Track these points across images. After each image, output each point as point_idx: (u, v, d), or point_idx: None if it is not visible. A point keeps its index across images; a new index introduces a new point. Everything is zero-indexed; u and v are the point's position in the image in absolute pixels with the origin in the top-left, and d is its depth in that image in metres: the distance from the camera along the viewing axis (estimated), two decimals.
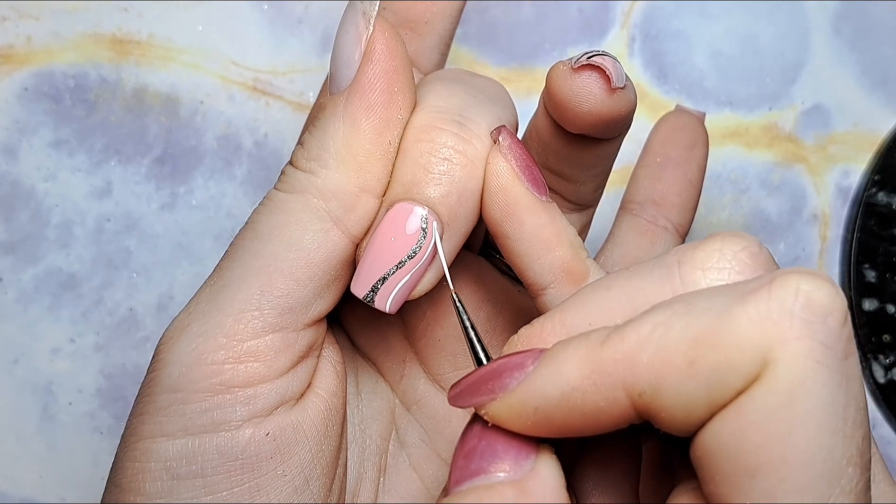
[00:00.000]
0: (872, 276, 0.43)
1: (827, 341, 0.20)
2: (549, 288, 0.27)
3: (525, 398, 0.22)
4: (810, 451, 0.19)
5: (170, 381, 0.25)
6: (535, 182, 0.27)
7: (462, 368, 0.31)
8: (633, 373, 0.21)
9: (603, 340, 0.21)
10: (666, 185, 0.36)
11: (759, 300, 0.20)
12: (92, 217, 0.40)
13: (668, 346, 0.21)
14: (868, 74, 0.44)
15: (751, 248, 0.23)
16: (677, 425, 0.21)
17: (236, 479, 0.25)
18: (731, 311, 0.20)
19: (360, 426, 0.30)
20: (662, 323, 0.21)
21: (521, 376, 0.22)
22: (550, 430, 0.22)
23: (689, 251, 0.23)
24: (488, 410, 0.23)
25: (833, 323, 0.20)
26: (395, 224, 0.26)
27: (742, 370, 0.20)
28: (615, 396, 0.21)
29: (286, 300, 0.26)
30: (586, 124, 0.27)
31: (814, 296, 0.20)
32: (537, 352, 0.23)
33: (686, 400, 0.20)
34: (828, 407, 0.20)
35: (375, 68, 0.26)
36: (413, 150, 0.27)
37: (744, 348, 0.20)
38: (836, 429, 0.20)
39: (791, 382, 0.20)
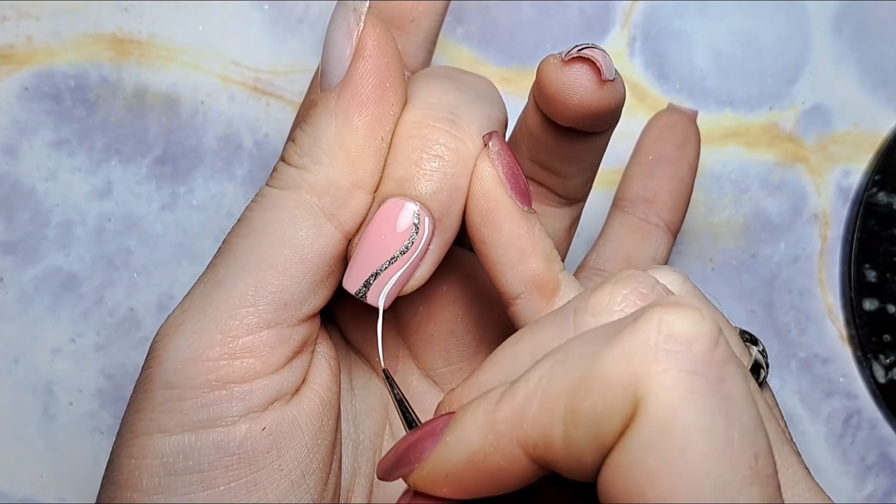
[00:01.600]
0: (873, 275, 0.43)
1: (695, 368, 0.20)
2: (520, 298, 0.27)
3: (435, 466, 0.23)
4: (695, 480, 0.19)
5: (166, 377, 0.26)
6: (519, 191, 0.27)
7: (454, 363, 0.31)
8: (524, 428, 0.21)
9: (497, 399, 0.22)
10: (657, 183, 0.36)
11: (625, 338, 0.20)
12: (92, 217, 0.40)
13: (550, 396, 0.21)
14: (869, 74, 0.44)
15: (641, 287, 0.23)
16: (575, 473, 0.21)
17: (233, 475, 0.25)
18: (601, 354, 0.20)
19: (354, 422, 0.31)
20: (546, 374, 0.21)
21: (432, 444, 0.23)
22: (466, 492, 0.23)
23: (583, 298, 0.24)
24: (410, 480, 0.23)
25: (699, 349, 0.20)
26: (387, 220, 0.26)
27: (617, 411, 0.20)
28: (513, 454, 0.21)
29: (280, 296, 0.26)
30: (576, 117, 0.27)
31: (676, 325, 0.20)
32: (447, 417, 0.23)
33: (575, 447, 0.21)
34: (706, 434, 0.19)
35: (367, 64, 0.26)
36: (405, 146, 0.27)
37: (615, 389, 0.20)
38: (719, 454, 0.19)
39: (663, 415, 0.19)
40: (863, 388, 0.44)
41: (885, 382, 0.43)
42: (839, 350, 0.44)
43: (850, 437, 0.44)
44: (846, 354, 0.44)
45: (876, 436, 0.44)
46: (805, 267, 0.44)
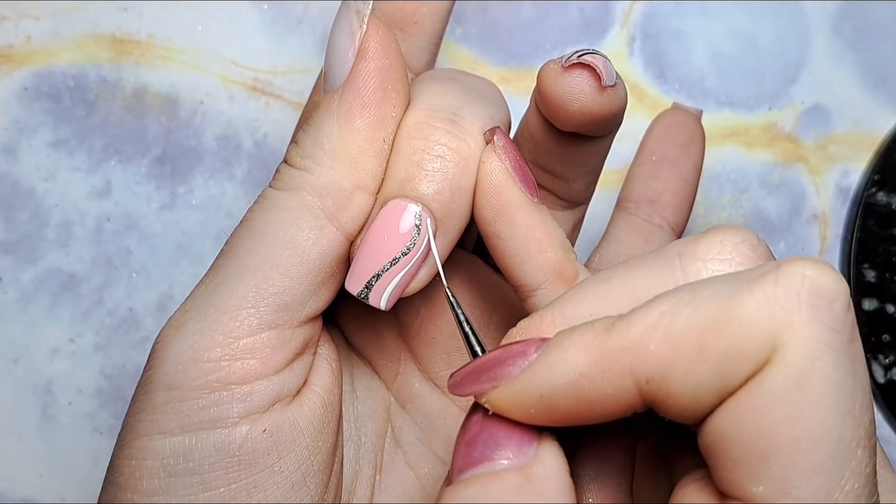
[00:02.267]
0: (872, 275, 0.43)
1: (834, 325, 0.20)
2: (540, 289, 0.27)
3: (529, 385, 0.22)
4: (821, 433, 0.20)
5: (167, 378, 0.26)
6: (527, 183, 0.27)
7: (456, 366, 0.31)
8: (641, 360, 0.21)
9: (609, 328, 0.22)
10: (661, 184, 0.36)
11: (766, 286, 0.20)
12: (92, 217, 0.40)
13: (675, 332, 0.21)
14: (868, 74, 0.44)
15: (751, 240, 0.23)
16: (684, 412, 0.21)
17: (233, 476, 0.25)
18: (739, 297, 0.20)
19: (356, 424, 0.31)
20: (669, 310, 0.21)
21: (524, 364, 0.22)
22: (554, 417, 0.22)
23: (689, 243, 0.23)
24: (490, 398, 0.23)
25: (839, 307, 0.20)
26: (389, 221, 0.26)
27: (751, 355, 0.20)
28: (623, 383, 0.21)
29: (282, 297, 0.26)
30: (577, 122, 0.27)
31: (819, 281, 0.20)
32: (539, 340, 0.23)
33: (695, 386, 0.21)
34: (837, 389, 0.20)
35: (369, 66, 0.26)
36: (407, 147, 0.27)
37: (752, 333, 0.20)
38: (846, 411, 0.20)
39: (801, 365, 0.20)
40: None
41: (884, 382, 0.43)
42: None
43: None
44: None
45: None
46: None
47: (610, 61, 0.27)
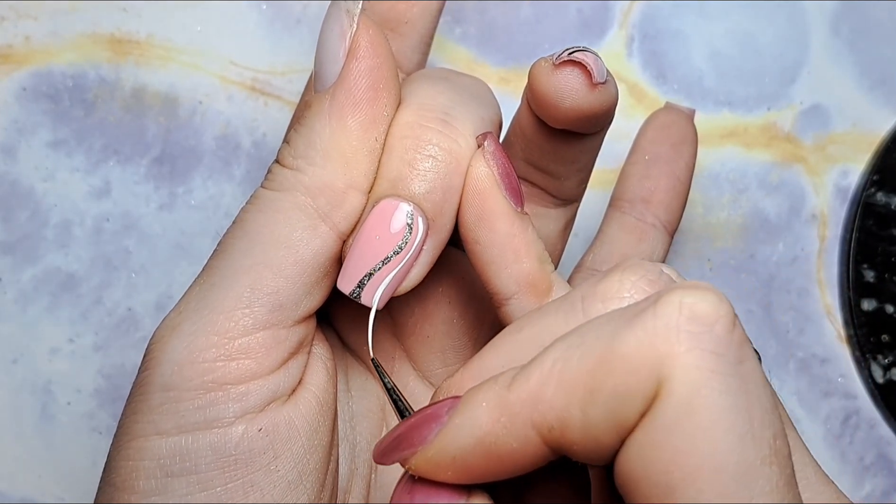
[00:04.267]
0: (871, 276, 0.43)
1: (717, 349, 0.20)
2: (513, 299, 0.28)
3: (442, 449, 0.22)
4: (720, 458, 0.20)
5: (162, 379, 0.26)
6: (513, 192, 0.27)
7: (451, 364, 0.31)
8: (540, 410, 0.21)
9: (509, 382, 0.22)
10: (654, 183, 0.36)
11: (646, 320, 0.20)
12: (91, 217, 0.40)
13: (568, 378, 0.21)
14: (867, 75, 0.44)
15: (649, 275, 0.23)
16: (591, 456, 0.21)
17: (230, 476, 0.25)
18: (621, 335, 0.21)
19: (351, 423, 0.31)
20: (561, 357, 0.21)
21: (437, 427, 0.23)
22: (471, 476, 0.23)
23: (592, 285, 0.24)
24: (411, 464, 0.23)
25: (720, 330, 0.20)
26: (381, 220, 0.26)
27: (639, 392, 0.20)
28: (527, 436, 0.21)
29: (276, 297, 0.26)
30: (568, 120, 0.27)
31: (697, 307, 0.20)
32: (451, 401, 0.23)
33: (593, 429, 0.21)
34: (729, 413, 0.20)
35: (360, 65, 0.26)
36: (398, 146, 0.27)
37: (637, 369, 0.20)
38: (742, 433, 0.20)
39: (687, 394, 0.20)
40: (861, 388, 0.44)
41: (883, 382, 0.43)
42: (837, 350, 0.44)
43: (848, 437, 0.44)
44: (844, 354, 0.44)
45: (874, 436, 0.44)
46: (803, 267, 0.44)
47: (601, 58, 0.27)
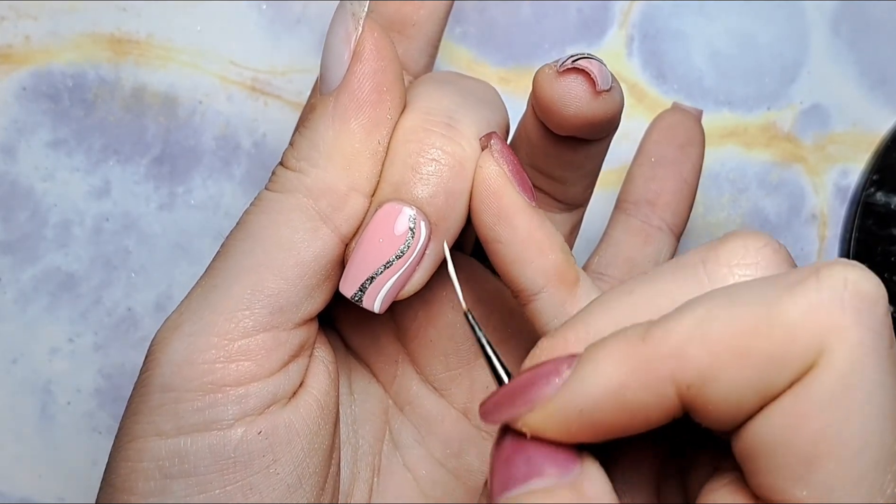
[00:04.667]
0: None
1: (878, 328, 0.20)
2: (542, 292, 0.27)
3: (567, 403, 0.22)
4: (867, 437, 0.20)
5: (162, 380, 0.26)
6: (525, 187, 0.27)
7: (454, 369, 0.31)
8: (682, 365, 0.21)
9: (643, 336, 0.21)
10: (660, 185, 0.35)
11: (809, 290, 0.20)
12: (90, 217, 0.40)
13: (715, 337, 0.20)
14: (867, 74, 0.44)
15: (772, 244, 0.23)
16: (724, 418, 0.21)
17: (229, 478, 0.25)
18: (781, 301, 0.20)
19: (353, 426, 0.30)
20: (706, 315, 0.21)
21: (558, 382, 0.22)
22: (595, 432, 0.22)
23: (711, 250, 0.23)
24: (526, 421, 0.22)
25: (881, 310, 0.20)
26: (384, 224, 0.26)
27: (796, 359, 0.20)
28: (663, 391, 0.21)
29: (277, 299, 0.26)
30: (573, 126, 0.27)
31: (862, 285, 0.20)
32: (570, 357, 0.22)
33: (737, 391, 0.20)
34: (882, 393, 0.20)
35: (365, 68, 0.26)
36: (402, 150, 0.27)
37: (797, 337, 0.20)
38: (888, 414, 0.20)
39: (849, 369, 0.20)
40: None
41: None
42: None
43: None
44: None
45: None
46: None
47: (605, 65, 0.27)
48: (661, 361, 0.21)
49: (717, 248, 0.23)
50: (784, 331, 0.20)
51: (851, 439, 0.20)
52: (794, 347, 0.20)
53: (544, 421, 0.22)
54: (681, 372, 0.21)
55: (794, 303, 0.20)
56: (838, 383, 0.20)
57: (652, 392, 0.21)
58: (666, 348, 0.21)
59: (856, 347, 0.20)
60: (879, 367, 0.20)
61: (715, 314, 0.21)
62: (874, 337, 0.20)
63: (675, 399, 0.21)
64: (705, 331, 0.21)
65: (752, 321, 0.20)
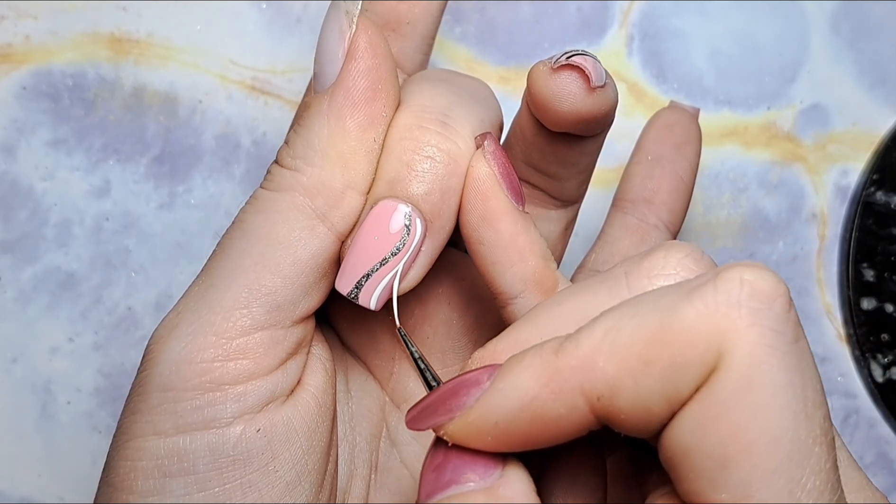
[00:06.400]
0: (871, 275, 0.43)
1: (776, 326, 0.20)
2: (519, 297, 0.27)
3: (484, 413, 0.22)
4: (776, 434, 0.20)
5: (160, 379, 0.26)
6: (514, 191, 0.27)
7: (450, 365, 0.31)
8: (591, 377, 0.21)
9: (556, 349, 0.22)
10: (657, 183, 0.36)
11: (706, 294, 0.21)
12: (90, 216, 0.40)
13: (621, 347, 0.21)
14: (866, 74, 0.44)
15: (694, 254, 0.23)
16: (638, 426, 0.21)
17: (228, 476, 0.25)
18: (679, 308, 0.21)
19: (350, 424, 0.31)
20: (614, 326, 0.21)
21: (478, 392, 0.22)
22: (511, 443, 0.23)
23: (635, 262, 0.24)
24: (447, 430, 0.23)
25: (779, 308, 0.20)
26: (379, 221, 0.26)
27: (697, 363, 0.20)
28: (574, 402, 0.21)
29: (274, 298, 0.26)
30: (567, 123, 0.27)
31: (758, 284, 0.20)
32: (492, 367, 0.23)
33: (645, 399, 0.21)
34: (786, 389, 0.20)
35: (359, 65, 0.27)
36: (397, 147, 0.27)
37: (696, 342, 0.20)
38: (797, 410, 0.20)
39: (748, 369, 0.20)
40: (861, 387, 0.44)
41: (882, 382, 0.43)
42: (837, 349, 0.44)
43: (848, 436, 0.44)
44: (844, 354, 0.44)
45: (874, 435, 0.44)
46: (803, 266, 0.44)
47: (599, 62, 0.27)
48: (571, 373, 0.21)
49: (640, 260, 0.24)
50: (682, 336, 0.20)
51: (759, 438, 0.20)
52: (693, 353, 0.20)
53: (463, 430, 0.23)
54: (590, 383, 0.21)
55: (692, 308, 0.20)
56: (739, 384, 0.20)
57: (563, 404, 0.21)
58: (575, 360, 0.21)
59: (754, 347, 0.20)
60: (782, 364, 0.20)
61: (621, 325, 0.21)
62: (773, 335, 0.20)
63: (587, 411, 0.21)
64: (612, 342, 0.21)
65: (654, 329, 0.21)
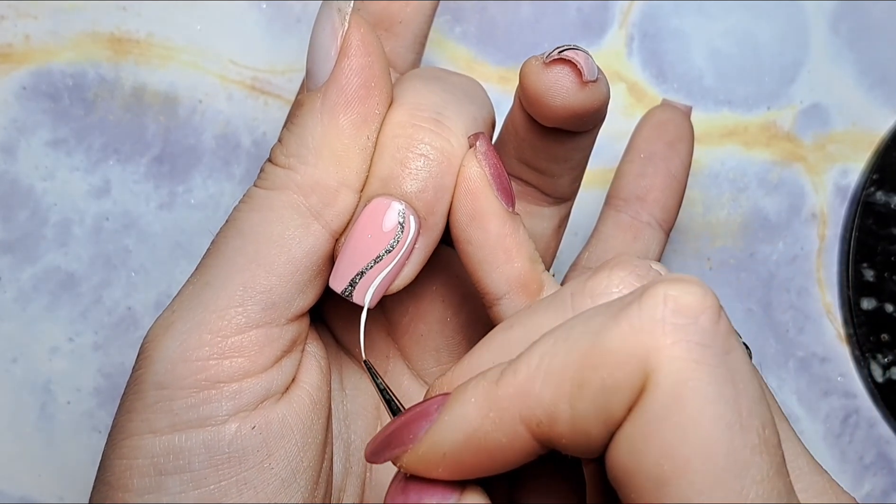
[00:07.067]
0: (871, 275, 0.43)
1: (703, 340, 0.20)
2: (504, 298, 0.28)
3: (432, 445, 0.23)
4: (709, 448, 0.20)
5: (156, 378, 0.26)
6: (504, 192, 0.27)
7: (445, 363, 0.31)
8: (528, 404, 0.21)
9: (498, 378, 0.22)
10: (649, 181, 0.36)
11: (631, 313, 0.21)
12: (90, 216, 0.40)
13: (555, 372, 0.21)
14: (866, 74, 0.44)
15: (638, 270, 0.24)
16: (580, 449, 0.21)
17: (223, 473, 0.26)
18: (607, 329, 0.21)
19: (345, 422, 0.31)
20: (548, 351, 0.21)
21: (427, 424, 0.23)
22: (462, 472, 0.23)
23: (581, 282, 0.24)
24: (402, 462, 0.23)
25: (705, 321, 0.20)
26: (373, 219, 0.27)
27: (626, 385, 0.20)
28: (515, 430, 0.21)
29: (269, 296, 0.26)
30: (559, 118, 0.28)
31: (682, 300, 0.20)
32: (441, 398, 0.23)
33: (582, 423, 0.21)
34: (716, 403, 0.20)
35: (352, 63, 0.27)
36: (390, 145, 0.27)
37: (623, 363, 0.20)
38: (730, 422, 0.20)
39: (674, 387, 0.20)
40: (861, 387, 0.44)
41: (882, 381, 0.43)
42: (837, 349, 0.44)
43: (848, 436, 0.44)
44: (844, 354, 0.44)
45: (874, 435, 0.44)
46: (803, 266, 0.44)
47: (592, 57, 0.27)
48: (510, 402, 0.21)
49: (586, 280, 0.24)
50: (611, 358, 0.20)
51: (693, 455, 0.20)
52: (621, 374, 0.20)
53: (415, 462, 0.23)
54: (528, 410, 0.21)
55: (617, 329, 0.20)
56: (667, 402, 0.20)
57: (505, 433, 0.22)
58: (513, 389, 0.21)
59: (678, 363, 0.20)
60: (711, 378, 0.20)
61: (556, 349, 0.21)
62: (699, 349, 0.20)
63: (529, 438, 0.22)
64: (547, 367, 0.21)
65: (584, 352, 0.21)
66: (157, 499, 0.25)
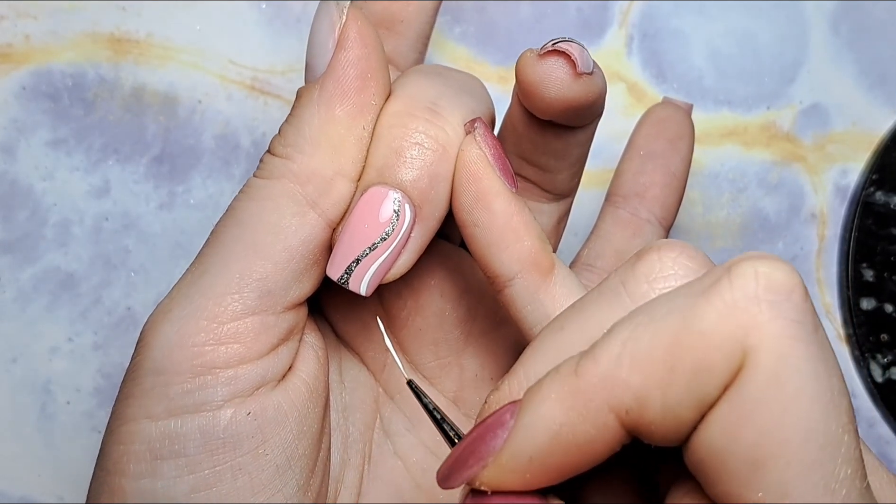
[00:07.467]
0: (870, 275, 0.43)
1: (797, 317, 0.20)
2: (516, 279, 0.27)
3: (516, 452, 0.22)
4: (808, 427, 0.19)
5: (153, 364, 0.26)
6: (506, 172, 0.27)
7: (443, 357, 0.31)
8: (616, 392, 0.21)
9: (574, 369, 0.21)
10: (649, 178, 0.36)
11: (722, 292, 0.20)
12: (90, 216, 0.40)
13: (643, 357, 0.20)
14: (866, 74, 0.44)
15: (687, 251, 0.23)
16: (668, 434, 0.21)
17: (218, 458, 0.26)
18: (697, 309, 0.20)
19: (343, 414, 0.31)
20: (630, 337, 0.21)
21: (504, 433, 0.22)
22: (550, 476, 0.22)
23: (629, 269, 0.23)
24: (482, 479, 0.22)
25: (797, 298, 0.20)
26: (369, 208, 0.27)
27: (722, 364, 0.20)
28: (604, 420, 0.21)
29: (265, 283, 0.26)
30: (554, 110, 0.28)
31: (774, 276, 0.20)
32: (512, 405, 0.22)
33: (674, 407, 0.20)
34: (814, 380, 0.20)
35: (349, 55, 0.27)
36: (386, 135, 0.27)
37: (719, 342, 0.20)
38: (826, 400, 0.20)
39: (775, 364, 0.20)
40: (860, 387, 0.44)
41: (882, 382, 0.43)
42: (837, 349, 0.44)
43: None
44: (844, 354, 0.44)
45: (874, 435, 0.44)
46: (802, 266, 0.44)
47: (587, 50, 0.27)
48: (595, 392, 0.21)
49: (633, 266, 0.23)
50: (704, 339, 0.20)
51: (793, 433, 0.19)
52: (717, 353, 0.20)
53: (498, 475, 0.22)
54: (616, 398, 0.21)
55: (710, 308, 0.20)
56: (768, 380, 0.20)
57: (593, 424, 0.21)
58: (597, 377, 0.21)
59: (778, 341, 0.20)
60: (807, 356, 0.20)
61: (638, 334, 0.21)
62: (795, 326, 0.20)
63: (617, 426, 0.21)
64: (632, 352, 0.21)
65: (673, 334, 0.20)
66: (152, 483, 0.25)
